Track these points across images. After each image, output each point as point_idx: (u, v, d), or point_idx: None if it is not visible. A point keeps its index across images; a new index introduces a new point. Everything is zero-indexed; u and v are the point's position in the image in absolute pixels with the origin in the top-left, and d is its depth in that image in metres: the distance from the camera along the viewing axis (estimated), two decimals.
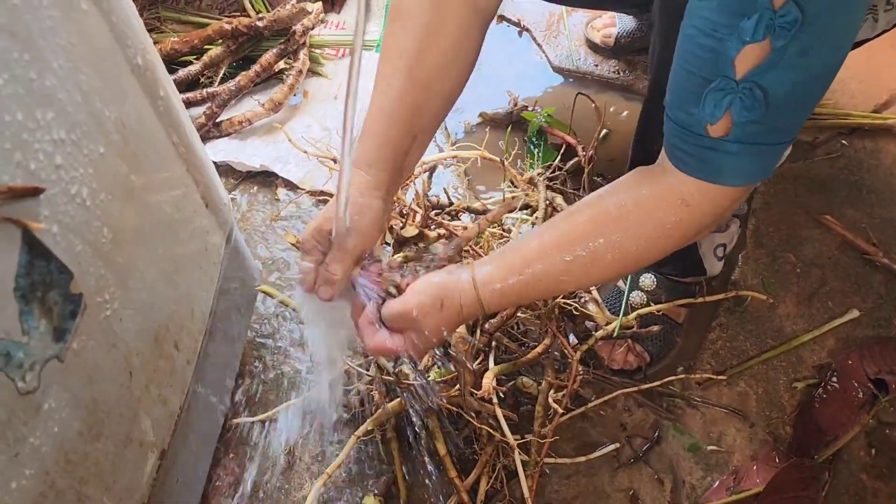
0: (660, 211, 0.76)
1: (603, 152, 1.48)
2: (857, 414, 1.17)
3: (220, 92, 1.51)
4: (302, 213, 1.45)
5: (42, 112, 0.63)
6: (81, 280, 0.70)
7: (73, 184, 0.68)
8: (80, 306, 0.70)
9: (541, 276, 0.80)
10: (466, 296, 0.82)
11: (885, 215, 1.41)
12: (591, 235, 0.78)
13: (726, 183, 0.73)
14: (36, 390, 0.65)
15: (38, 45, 0.62)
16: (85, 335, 0.72)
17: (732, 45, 0.64)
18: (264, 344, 1.30)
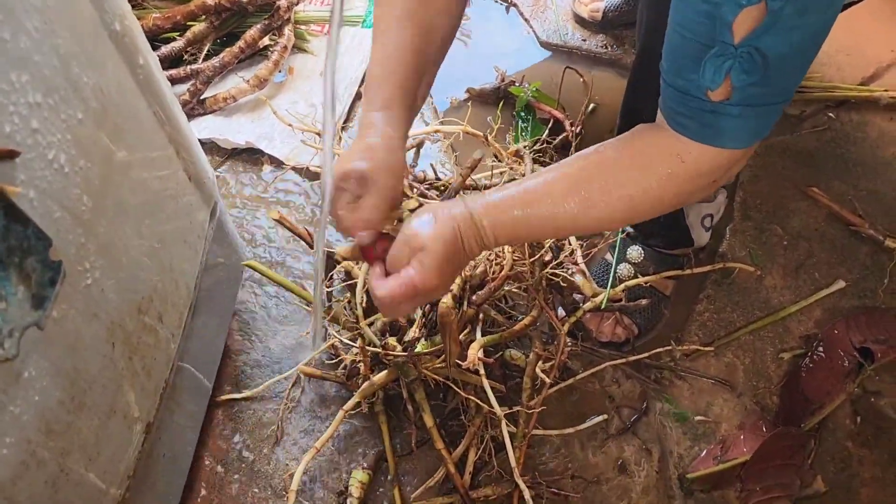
0: (655, 160, 0.76)
1: (591, 126, 1.48)
2: (842, 383, 1.18)
3: (203, 69, 1.49)
4: (287, 189, 1.44)
5: (17, 74, 0.62)
6: (61, 247, 0.69)
7: (51, 149, 0.67)
8: (59, 274, 0.69)
9: (537, 213, 0.79)
10: (464, 221, 0.80)
11: (871, 187, 1.41)
12: (589, 178, 0.78)
13: (726, 145, 0.73)
14: (15, 358, 0.64)
15: (10, 4, 0.61)
16: (65, 304, 0.71)
17: (729, 9, 0.64)
18: (251, 320, 1.29)
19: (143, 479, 0.93)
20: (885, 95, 1.50)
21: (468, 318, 1.10)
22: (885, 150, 1.46)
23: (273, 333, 1.29)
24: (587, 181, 0.78)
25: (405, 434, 1.15)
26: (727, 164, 0.75)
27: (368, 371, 1.10)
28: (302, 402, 1.22)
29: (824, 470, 1.15)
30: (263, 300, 1.32)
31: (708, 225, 1.20)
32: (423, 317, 1.14)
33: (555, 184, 0.79)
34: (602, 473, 1.15)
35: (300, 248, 1.36)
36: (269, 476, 1.16)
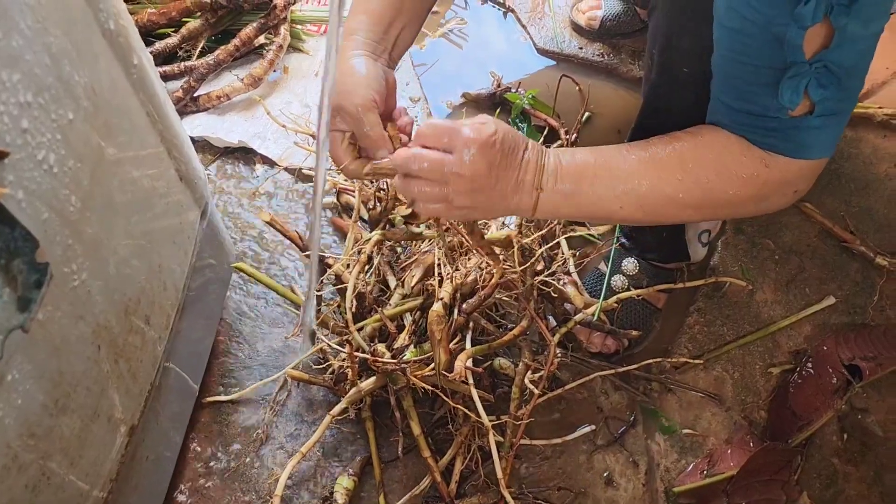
0: (739, 158, 0.77)
1: (586, 135, 1.47)
2: (830, 399, 1.18)
3: (198, 66, 1.48)
4: (280, 189, 1.43)
5: (8, 73, 0.61)
6: (48, 249, 0.68)
7: (41, 149, 0.66)
8: (46, 276, 0.68)
9: (606, 179, 0.80)
10: (534, 148, 0.80)
11: (863, 204, 1.42)
12: (669, 163, 0.79)
13: (810, 156, 0.75)
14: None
15: (3, 3, 0.60)
16: (51, 306, 0.70)
17: (794, 32, 0.67)
18: (239, 322, 1.28)
19: (126, 481, 0.91)
20: (880, 112, 1.51)
21: (458, 327, 1.09)
22: (877, 167, 1.47)
23: (261, 336, 1.28)
24: (668, 167, 0.79)
25: (392, 441, 1.15)
26: (811, 174, 0.78)
27: (356, 377, 1.10)
28: (288, 406, 1.21)
29: (810, 486, 1.15)
30: (252, 302, 1.31)
31: (705, 241, 1.20)
32: (414, 323, 1.13)
33: (634, 161, 0.80)
34: (589, 485, 1.15)
35: (291, 249, 1.35)
36: (254, 480, 1.15)
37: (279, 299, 1.31)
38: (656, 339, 1.27)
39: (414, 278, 1.13)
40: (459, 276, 1.12)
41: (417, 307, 1.14)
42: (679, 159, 0.78)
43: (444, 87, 1.58)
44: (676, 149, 0.79)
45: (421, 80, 1.59)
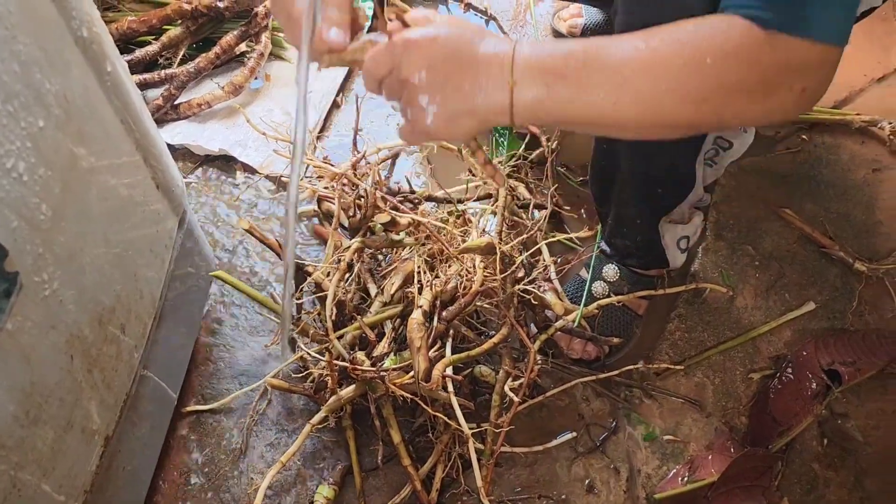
0: (740, 39, 0.69)
1: (567, 143, 1.48)
2: (810, 404, 1.18)
3: (178, 73, 1.48)
4: (261, 198, 1.42)
5: None
6: (17, 258, 0.67)
7: (9, 157, 0.65)
8: (15, 285, 0.67)
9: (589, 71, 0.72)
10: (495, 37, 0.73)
11: (842, 210, 1.43)
12: (667, 48, 0.71)
13: (813, 33, 0.68)
14: None
15: None
16: (21, 316, 0.69)
17: None
18: (218, 331, 1.27)
19: (101, 492, 0.90)
20: (857, 119, 1.52)
21: (438, 334, 1.09)
22: (856, 173, 1.48)
23: (241, 345, 1.27)
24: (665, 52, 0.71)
25: (372, 450, 1.14)
26: (819, 63, 0.71)
27: (336, 385, 1.09)
28: (268, 415, 1.20)
29: (791, 491, 1.15)
30: (232, 311, 1.30)
31: (684, 247, 1.20)
32: (394, 331, 1.13)
33: (629, 48, 0.72)
34: (570, 492, 1.14)
35: (270, 257, 1.34)
36: (234, 490, 1.14)
37: (259, 308, 1.30)
38: (637, 346, 1.27)
39: (394, 286, 1.13)
40: (439, 283, 1.12)
41: (397, 315, 1.14)
42: (678, 43, 0.71)
43: None
44: (675, 33, 0.72)
45: None
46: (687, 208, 1.12)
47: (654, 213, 1.12)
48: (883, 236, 1.40)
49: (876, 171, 1.49)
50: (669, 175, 1.06)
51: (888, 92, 1.60)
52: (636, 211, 1.13)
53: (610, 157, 1.09)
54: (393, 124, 1.54)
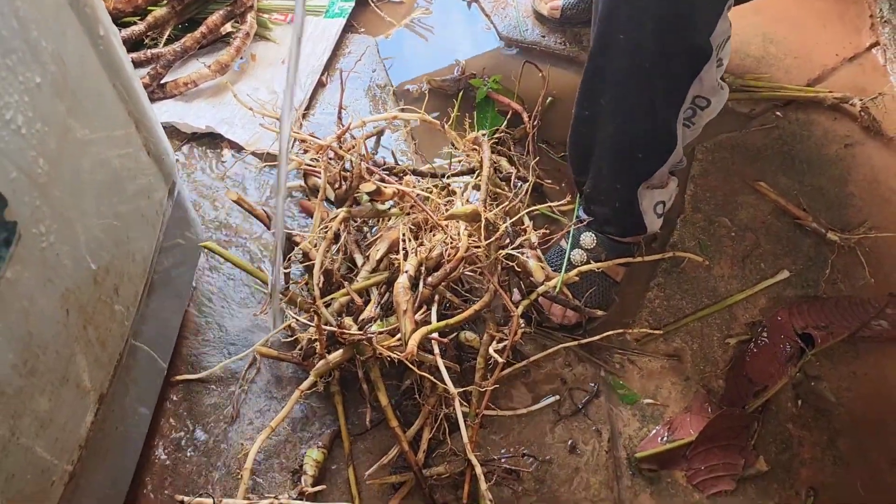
0: None
1: (548, 118, 1.51)
2: (784, 366, 1.22)
3: (164, 53, 1.49)
4: (248, 173, 1.44)
5: None
6: (16, 208, 0.69)
7: (8, 109, 0.67)
8: (14, 234, 0.70)
9: None
10: None
11: (815, 183, 1.47)
12: None
13: None
14: None
15: None
16: (20, 265, 0.71)
17: None
18: (208, 301, 1.29)
19: (95, 451, 0.93)
20: (830, 96, 1.56)
21: (424, 299, 1.12)
22: (828, 148, 1.52)
23: (230, 315, 1.29)
24: None
25: (360, 412, 1.17)
26: None
27: (324, 350, 1.11)
28: (258, 383, 1.22)
29: (766, 451, 1.19)
30: (221, 282, 1.33)
31: (660, 212, 1.24)
32: (380, 296, 1.16)
33: None
34: (554, 453, 1.18)
35: (259, 230, 1.37)
36: (224, 455, 1.16)
37: (247, 280, 1.32)
38: (618, 313, 1.30)
39: (379, 252, 1.16)
40: (424, 250, 1.14)
41: (383, 281, 1.16)
42: None
43: (410, 74, 1.61)
44: None
45: (388, 67, 1.62)
46: (667, 170, 1.16)
47: (633, 178, 1.16)
48: (854, 208, 1.45)
49: (848, 146, 1.53)
50: (650, 138, 1.09)
51: (859, 70, 1.65)
52: (615, 177, 1.17)
53: (590, 124, 1.12)
54: (378, 102, 1.57)
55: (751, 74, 1.62)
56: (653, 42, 0.96)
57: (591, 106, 1.11)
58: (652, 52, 0.97)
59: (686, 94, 1.04)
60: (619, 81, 1.03)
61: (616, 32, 0.98)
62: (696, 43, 0.98)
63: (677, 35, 0.96)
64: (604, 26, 0.98)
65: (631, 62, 0.99)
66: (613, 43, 0.99)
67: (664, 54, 0.98)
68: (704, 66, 1.00)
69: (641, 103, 1.05)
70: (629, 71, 1.01)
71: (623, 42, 0.98)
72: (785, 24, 1.72)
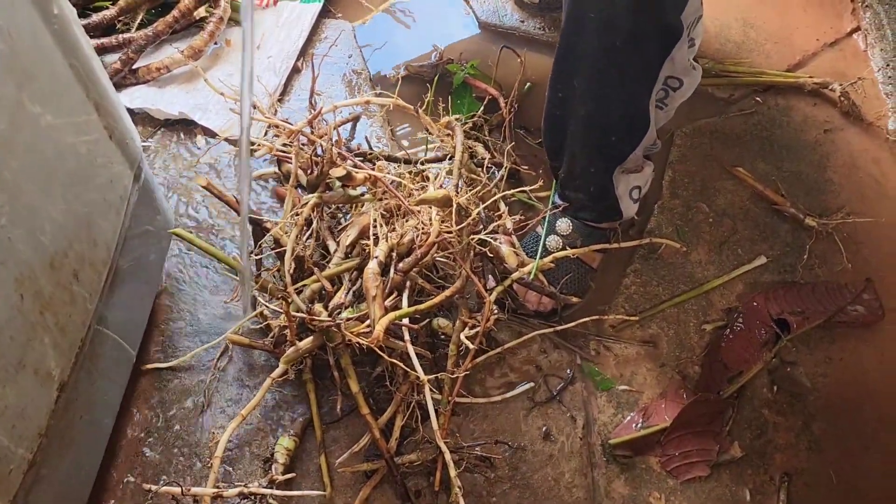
0: None
1: (526, 104, 1.50)
2: (759, 351, 1.22)
3: (136, 38, 1.47)
4: (222, 160, 1.43)
5: None
6: None
7: None
8: None
9: None
10: None
11: (794, 169, 1.46)
12: None
13: None
14: None
15: None
16: None
17: None
18: (179, 289, 1.27)
19: (58, 440, 0.91)
20: (810, 82, 1.55)
21: (395, 285, 1.10)
22: (808, 134, 1.51)
23: (202, 303, 1.28)
24: None
25: (332, 399, 1.15)
26: None
27: (294, 337, 1.10)
28: (229, 372, 1.21)
29: (741, 436, 1.19)
30: (192, 270, 1.31)
31: (636, 197, 1.23)
32: (350, 282, 1.14)
33: None
34: (528, 440, 1.17)
35: (230, 218, 1.35)
36: (195, 444, 1.15)
37: (219, 267, 1.31)
38: (593, 299, 1.29)
39: (349, 238, 1.14)
40: (395, 236, 1.13)
41: (354, 267, 1.15)
42: None
43: (388, 60, 1.59)
44: None
45: (364, 53, 1.60)
46: (642, 154, 1.15)
47: (608, 162, 1.15)
48: (833, 194, 1.44)
49: (827, 132, 1.52)
50: (624, 119, 1.08)
51: (839, 56, 1.64)
52: (589, 161, 1.16)
53: (564, 105, 1.11)
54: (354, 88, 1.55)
55: (731, 60, 1.61)
56: (624, 20, 0.95)
57: (564, 87, 1.10)
58: (623, 31, 0.96)
59: (658, 73, 1.03)
60: (591, 61, 1.02)
61: (588, 10, 0.96)
62: (667, 21, 0.97)
63: (648, 13, 0.95)
64: (575, 4, 0.97)
65: (602, 41, 0.98)
66: (585, 21, 0.98)
67: (635, 33, 0.97)
68: (676, 45, 0.99)
69: (614, 83, 1.04)
70: (601, 50, 1.00)
71: (594, 20, 0.97)
72: (765, 9, 1.70)
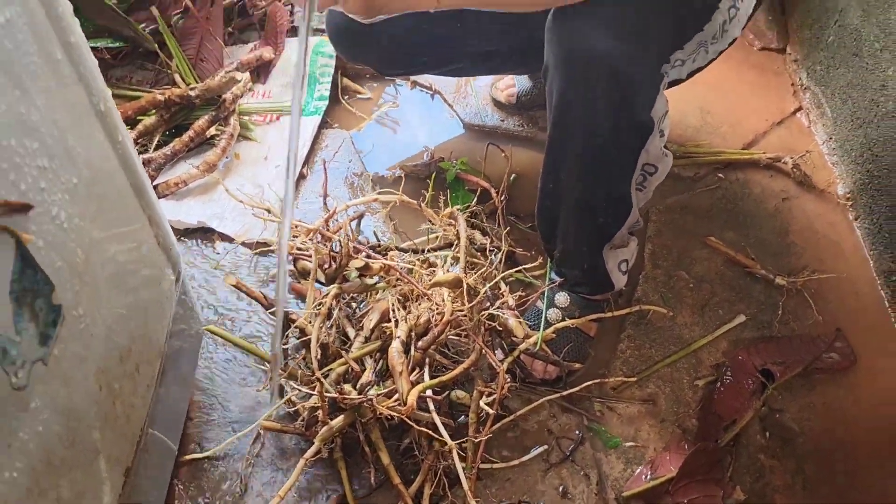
0: None
1: (514, 193, 1.65)
2: (749, 400, 1.33)
3: (155, 157, 1.61)
4: (241, 262, 1.54)
5: (29, 141, 0.73)
6: (61, 293, 0.78)
7: (54, 206, 0.77)
8: (60, 316, 0.78)
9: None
10: None
11: (759, 235, 1.62)
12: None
13: None
14: (25, 388, 0.73)
15: (25, 85, 0.73)
16: (63, 344, 0.79)
17: None
18: (210, 385, 1.36)
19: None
20: (764, 157, 1.74)
21: (416, 362, 1.21)
22: (768, 203, 1.68)
23: (232, 395, 1.36)
24: None
25: (364, 475, 1.23)
26: None
27: (326, 416, 1.19)
28: (263, 457, 1.29)
29: (741, 481, 1.28)
30: (220, 366, 1.40)
31: (624, 269, 1.36)
32: (375, 363, 1.25)
33: None
34: (547, 499, 1.25)
35: (250, 312, 1.45)
36: None
37: (245, 361, 1.40)
38: (593, 364, 1.40)
39: (372, 322, 1.26)
40: (413, 317, 1.24)
41: (377, 349, 1.26)
42: None
43: (384, 162, 1.75)
44: None
45: (362, 157, 1.76)
46: (626, 232, 1.29)
47: (598, 241, 1.28)
48: (797, 255, 1.59)
49: (785, 200, 1.69)
50: (609, 204, 1.22)
51: (787, 132, 1.84)
52: (581, 241, 1.29)
53: (554, 195, 1.25)
54: (356, 189, 1.69)
55: (692, 142, 1.79)
56: (605, 121, 1.09)
57: (555, 180, 1.24)
58: (605, 130, 1.10)
59: (636, 163, 1.17)
60: (577, 157, 1.16)
61: (572, 114, 1.10)
62: (640, 119, 1.11)
63: (625, 113, 1.09)
64: (561, 110, 1.11)
65: (587, 139, 1.12)
66: (571, 124, 1.12)
67: (615, 131, 1.10)
68: (649, 138, 1.14)
69: (598, 174, 1.18)
70: (586, 147, 1.14)
71: (579, 123, 1.11)
72: (719, 96, 1.91)
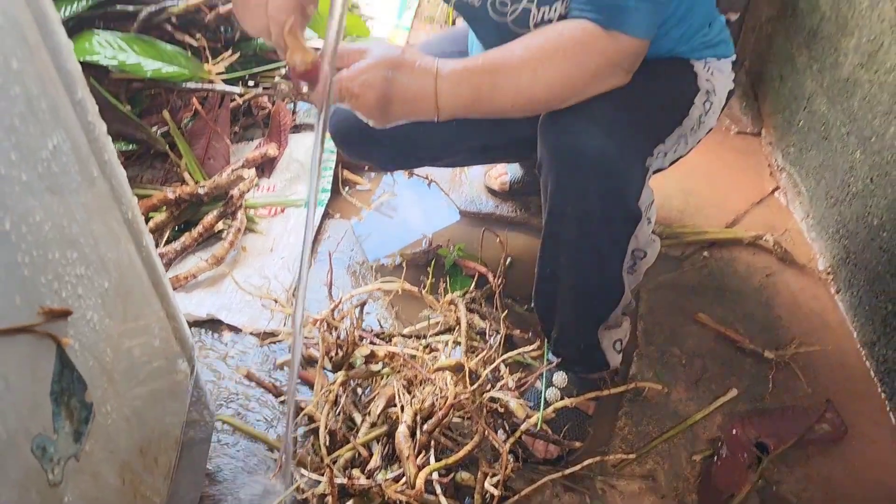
0: (564, 28, 1.05)
1: (510, 277, 1.72)
2: (746, 473, 1.37)
3: (166, 252, 1.68)
4: (248, 352, 1.60)
5: (70, 252, 0.80)
6: (92, 391, 0.84)
7: (88, 310, 0.84)
8: (91, 413, 0.84)
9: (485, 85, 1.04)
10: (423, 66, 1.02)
11: (746, 310, 1.69)
12: (512, 48, 1.06)
13: (627, 29, 1.03)
14: (60, 484, 0.77)
15: (68, 201, 0.80)
16: (93, 440, 0.85)
17: None
18: (219, 474, 1.40)
19: None
20: (746, 235, 1.82)
21: (422, 446, 1.25)
22: (752, 279, 1.76)
23: (241, 485, 1.39)
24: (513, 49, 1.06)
25: None
26: (633, 53, 1.06)
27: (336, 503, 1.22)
28: None
29: None
30: (229, 456, 1.43)
31: (618, 348, 1.42)
32: (382, 447, 1.29)
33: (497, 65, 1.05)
34: None
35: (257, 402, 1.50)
36: None
37: (254, 450, 1.44)
38: (593, 442, 1.45)
39: (378, 407, 1.30)
40: (417, 401, 1.29)
41: (384, 434, 1.30)
42: (550, 47, 1.05)
43: (384, 251, 1.83)
44: (545, 41, 1.05)
45: (363, 246, 1.83)
46: (620, 312, 1.35)
47: (593, 322, 1.35)
48: (783, 329, 1.66)
49: (769, 276, 1.77)
50: (602, 287, 1.29)
51: (767, 211, 1.93)
52: (577, 323, 1.36)
53: (550, 281, 1.32)
54: (359, 277, 1.76)
55: (678, 223, 1.88)
56: (597, 211, 1.16)
57: (551, 266, 1.31)
58: (597, 219, 1.17)
59: (626, 249, 1.25)
60: (572, 244, 1.23)
61: (566, 205, 1.18)
62: (629, 209, 1.18)
63: (615, 204, 1.16)
64: (555, 202, 1.19)
65: (580, 228, 1.20)
66: (565, 214, 1.20)
67: (606, 220, 1.18)
68: (637, 225, 1.22)
69: (592, 260, 1.25)
70: (579, 235, 1.21)
71: (572, 213, 1.18)
72: (700, 179, 2.01)
